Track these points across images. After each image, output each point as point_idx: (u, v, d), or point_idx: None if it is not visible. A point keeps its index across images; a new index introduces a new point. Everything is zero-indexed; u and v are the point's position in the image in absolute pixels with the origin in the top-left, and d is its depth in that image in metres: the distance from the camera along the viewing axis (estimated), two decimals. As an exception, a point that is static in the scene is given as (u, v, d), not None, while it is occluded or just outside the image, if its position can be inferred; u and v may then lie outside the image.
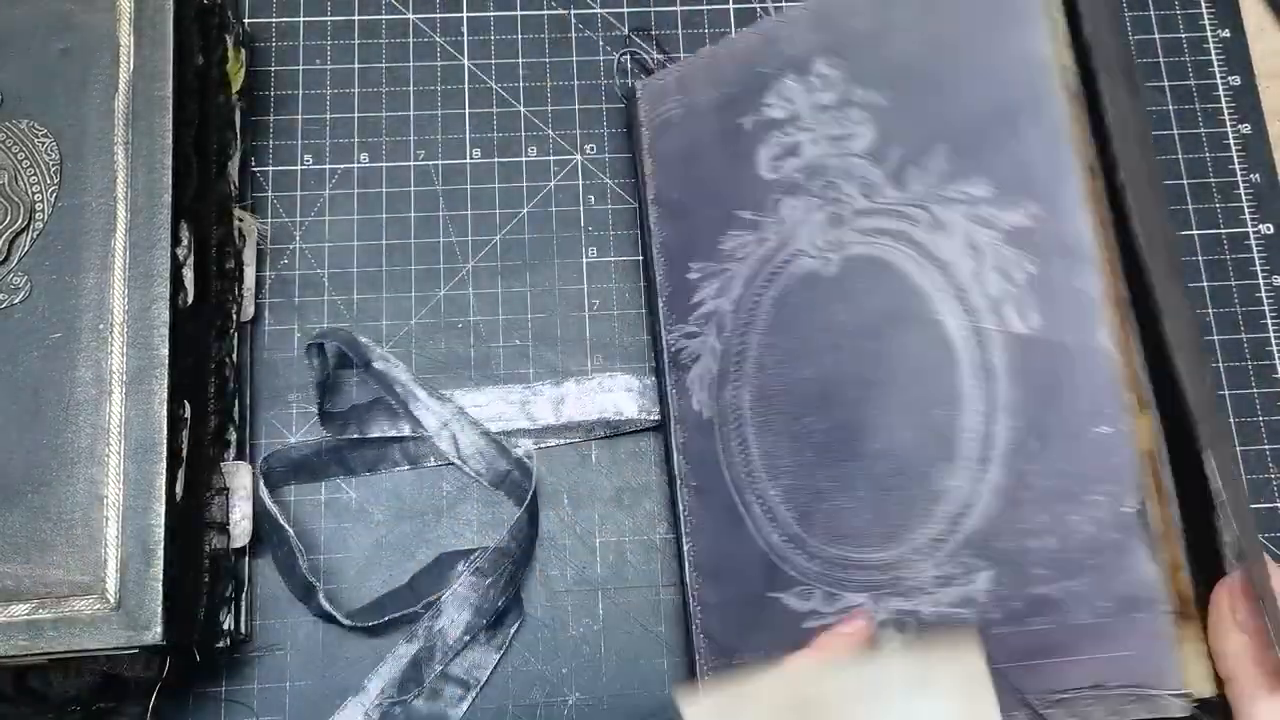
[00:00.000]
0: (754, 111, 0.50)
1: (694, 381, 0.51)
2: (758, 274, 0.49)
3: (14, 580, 0.44)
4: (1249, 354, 0.55)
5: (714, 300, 0.51)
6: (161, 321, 0.46)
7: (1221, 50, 0.60)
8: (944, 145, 0.45)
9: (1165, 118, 0.59)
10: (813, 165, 0.48)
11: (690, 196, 0.52)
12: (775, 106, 0.50)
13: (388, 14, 0.60)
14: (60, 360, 0.46)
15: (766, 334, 0.49)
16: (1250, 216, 0.57)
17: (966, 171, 0.44)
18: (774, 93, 0.50)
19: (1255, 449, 0.53)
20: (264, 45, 0.58)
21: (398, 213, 0.56)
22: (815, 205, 0.48)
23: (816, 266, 0.47)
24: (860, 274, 0.46)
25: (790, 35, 0.50)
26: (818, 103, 0.49)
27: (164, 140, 0.48)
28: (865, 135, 0.47)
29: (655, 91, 0.54)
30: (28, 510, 0.44)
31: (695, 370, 0.51)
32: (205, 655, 0.48)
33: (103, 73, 0.49)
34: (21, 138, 0.49)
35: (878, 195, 0.46)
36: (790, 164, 0.49)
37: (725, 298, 0.50)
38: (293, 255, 0.56)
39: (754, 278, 0.50)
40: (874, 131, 0.47)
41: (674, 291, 0.52)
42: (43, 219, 0.48)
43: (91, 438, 0.45)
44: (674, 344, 0.52)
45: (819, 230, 0.48)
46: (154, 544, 0.44)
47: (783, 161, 0.49)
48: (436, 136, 0.58)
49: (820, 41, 0.49)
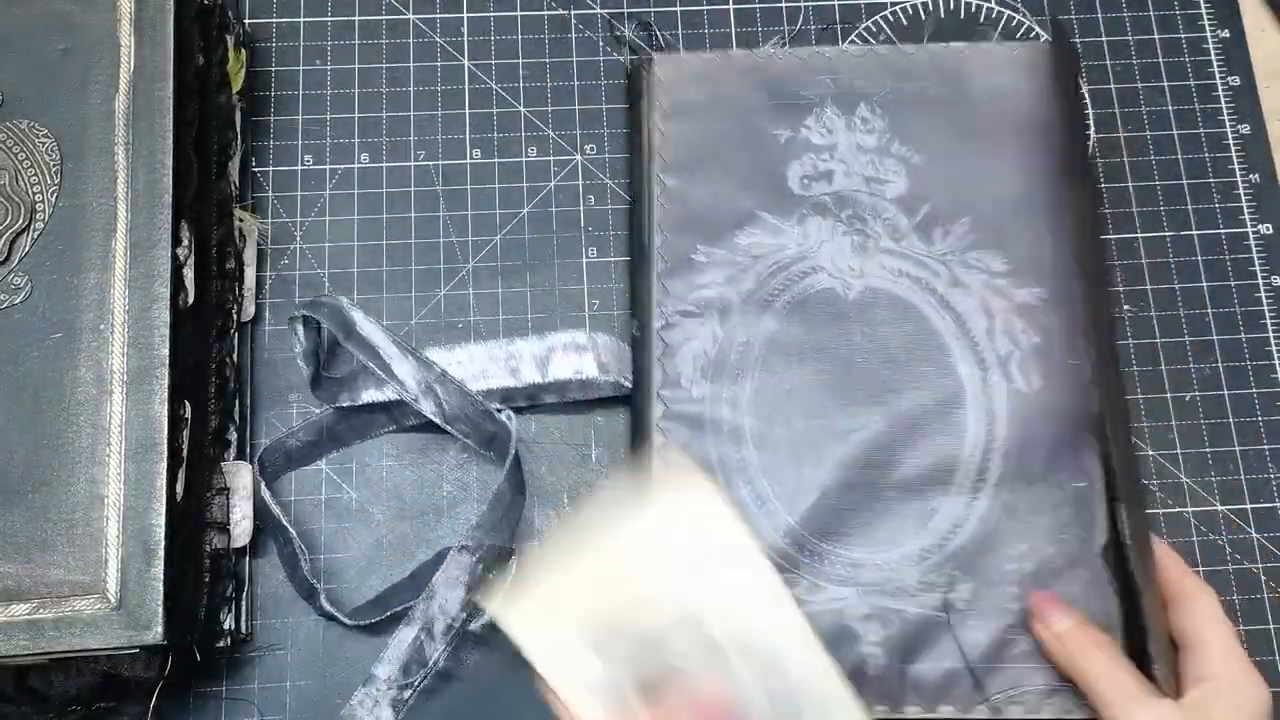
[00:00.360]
0: (791, 128, 0.54)
1: (685, 359, 0.51)
2: (774, 276, 0.52)
3: (15, 580, 0.44)
4: (1249, 354, 0.55)
5: (721, 288, 0.52)
6: (162, 321, 0.47)
7: (1221, 51, 0.60)
8: (969, 218, 0.52)
9: (1165, 118, 0.59)
10: (843, 196, 0.53)
11: (707, 183, 0.53)
12: (815, 131, 0.54)
13: (388, 14, 0.60)
14: (61, 360, 0.46)
15: (777, 335, 0.51)
16: (1250, 217, 0.57)
17: (986, 245, 0.51)
18: (815, 118, 0.54)
19: (1255, 449, 0.54)
20: (264, 45, 0.59)
21: (398, 213, 0.57)
22: (841, 231, 0.52)
23: (836, 287, 0.51)
24: (881, 305, 0.51)
25: (843, 72, 0.54)
26: (858, 143, 0.54)
27: (164, 140, 0.48)
28: (898, 185, 0.53)
29: (675, 70, 0.55)
30: (28, 510, 0.44)
31: (687, 349, 0.51)
32: (206, 655, 0.48)
33: (103, 73, 0.49)
34: (22, 138, 0.49)
35: (904, 241, 0.52)
36: (820, 187, 0.53)
37: (734, 289, 0.51)
38: (293, 255, 0.56)
39: (769, 278, 0.52)
40: (907, 184, 0.53)
41: (673, 268, 0.52)
42: (43, 219, 0.48)
43: (92, 438, 0.45)
44: (667, 318, 0.52)
45: (843, 255, 0.52)
46: (154, 544, 0.44)
47: (814, 183, 0.53)
48: (437, 137, 0.58)
49: (871, 88, 0.54)
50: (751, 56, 0.55)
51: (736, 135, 0.54)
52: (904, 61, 0.54)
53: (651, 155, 0.54)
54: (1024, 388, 0.49)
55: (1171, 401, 0.54)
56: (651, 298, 0.52)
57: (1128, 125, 0.59)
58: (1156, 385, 0.54)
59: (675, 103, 0.54)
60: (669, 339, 0.51)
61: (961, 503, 0.48)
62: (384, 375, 0.51)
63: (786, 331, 0.51)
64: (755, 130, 0.54)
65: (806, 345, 0.51)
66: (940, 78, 0.54)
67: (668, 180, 0.53)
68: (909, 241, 0.52)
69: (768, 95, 0.54)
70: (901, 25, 0.60)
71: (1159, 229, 0.57)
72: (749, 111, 0.54)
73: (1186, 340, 0.55)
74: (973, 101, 0.54)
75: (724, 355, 0.51)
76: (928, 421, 0.49)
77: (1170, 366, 0.55)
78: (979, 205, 0.52)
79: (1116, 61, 0.60)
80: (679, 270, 0.52)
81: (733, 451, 0.49)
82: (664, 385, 0.50)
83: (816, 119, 0.54)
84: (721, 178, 0.53)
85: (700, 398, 0.50)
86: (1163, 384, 0.54)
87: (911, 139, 0.53)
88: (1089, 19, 0.60)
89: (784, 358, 0.50)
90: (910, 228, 0.52)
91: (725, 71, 0.55)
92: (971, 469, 0.48)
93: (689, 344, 0.51)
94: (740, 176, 0.53)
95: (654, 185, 0.53)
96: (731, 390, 0.50)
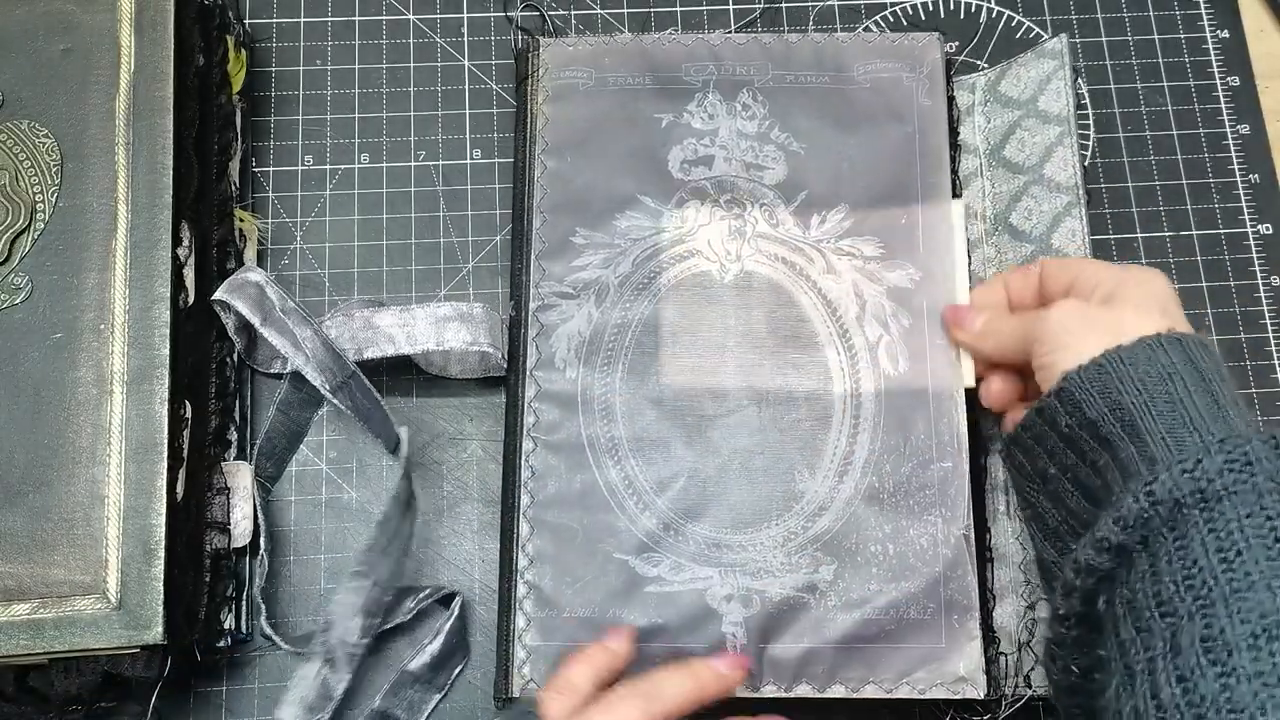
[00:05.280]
0: (673, 113, 0.55)
1: (559, 339, 0.51)
2: (651, 259, 0.52)
3: (15, 580, 0.44)
4: (1248, 354, 0.55)
5: (598, 270, 0.52)
6: (162, 322, 0.47)
7: (1220, 51, 0.60)
8: (845, 204, 0.53)
9: (1164, 118, 0.59)
10: (723, 181, 0.54)
11: (587, 165, 0.54)
12: (696, 116, 0.55)
13: (388, 14, 0.60)
14: (61, 360, 0.46)
15: (652, 317, 0.51)
16: (1249, 217, 0.57)
17: (860, 232, 0.53)
18: (697, 103, 0.55)
19: (1254, 449, 0.53)
20: (264, 46, 0.59)
21: (398, 213, 0.57)
22: (719, 215, 0.53)
23: (712, 270, 0.52)
24: (754, 289, 0.52)
25: (727, 58, 0.55)
26: (739, 129, 0.54)
27: (165, 140, 0.48)
28: (777, 172, 0.54)
29: (560, 54, 0.55)
30: (29, 510, 0.44)
31: (563, 329, 0.51)
32: (205, 655, 0.48)
33: (103, 73, 0.49)
34: (22, 138, 0.49)
35: (780, 226, 0.53)
36: (700, 172, 0.54)
37: (611, 271, 0.52)
38: (293, 255, 0.56)
39: (645, 261, 0.52)
40: (785, 171, 0.54)
41: (551, 249, 0.53)
42: (44, 219, 0.48)
43: (92, 438, 0.45)
44: (544, 299, 0.52)
45: (719, 238, 0.53)
46: (155, 544, 0.44)
47: (694, 167, 0.54)
48: (437, 137, 0.58)
49: (753, 75, 0.55)
50: (637, 41, 0.56)
51: (619, 118, 0.54)
52: (786, 50, 0.55)
53: (534, 137, 0.54)
54: (892, 371, 0.50)
55: (1171, 401, 0.54)
56: (529, 278, 0.52)
57: (1128, 125, 0.59)
58: (1156, 385, 0.54)
59: (559, 86, 0.55)
60: (544, 319, 0.52)
61: (827, 486, 0.49)
62: (299, 366, 0.50)
63: (661, 314, 0.51)
64: (637, 114, 0.54)
65: (680, 328, 0.51)
66: (821, 66, 0.55)
67: (549, 162, 0.54)
68: (785, 227, 0.52)
69: (651, 79, 0.55)
70: (902, 25, 0.60)
71: (1159, 229, 0.57)
72: (632, 95, 0.55)
73: (1186, 340, 0.55)
74: (851, 90, 0.54)
75: (599, 337, 0.51)
76: (795, 405, 0.50)
77: (1170, 366, 0.55)
78: (856, 190, 0.53)
79: (1116, 61, 0.60)
80: (557, 252, 0.52)
81: (603, 431, 0.50)
82: (538, 366, 0.51)
83: (699, 104, 0.55)
84: (603, 161, 0.54)
85: (573, 378, 0.51)
86: (1162, 384, 0.54)
87: (791, 126, 0.54)
88: (1088, 19, 0.60)
89: (655, 342, 0.51)
90: (787, 213, 0.53)
91: (610, 55, 0.55)
92: (836, 454, 0.49)
93: (564, 325, 0.51)
94: (621, 160, 0.54)
95: (535, 167, 0.54)
96: (605, 371, 0.51)
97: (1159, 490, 0.35)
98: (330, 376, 0.50)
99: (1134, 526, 0.35)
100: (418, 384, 0.54)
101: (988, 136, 0.55)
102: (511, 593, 0.49)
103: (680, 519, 0.49)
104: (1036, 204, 0.52)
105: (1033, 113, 0.54)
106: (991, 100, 0.55)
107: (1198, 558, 0.34)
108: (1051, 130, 0.53)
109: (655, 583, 0.48)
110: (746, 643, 0.47)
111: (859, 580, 0.48)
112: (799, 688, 0.47)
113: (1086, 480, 0.41)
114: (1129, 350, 0.40)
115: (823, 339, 0.51)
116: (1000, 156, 0.54)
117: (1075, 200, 0.52)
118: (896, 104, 0.54)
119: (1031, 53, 0.54)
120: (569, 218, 0.53)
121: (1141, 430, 0.38)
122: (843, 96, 0.54)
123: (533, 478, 0.50)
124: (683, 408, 0.50)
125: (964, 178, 0.55)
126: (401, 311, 0.52)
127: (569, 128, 0.54)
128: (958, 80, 0.56)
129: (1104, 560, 0.36)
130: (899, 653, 0.47)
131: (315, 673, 0.47)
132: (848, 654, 0.47)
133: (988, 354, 0.48)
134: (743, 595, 0.48)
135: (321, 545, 0.52)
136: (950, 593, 0.48)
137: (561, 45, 0.56)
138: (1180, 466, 0.35)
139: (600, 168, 0.54)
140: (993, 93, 0.55)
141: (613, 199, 0.53)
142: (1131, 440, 0.38)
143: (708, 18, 0.60)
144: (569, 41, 0.56)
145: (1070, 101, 0.53)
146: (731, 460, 0.49)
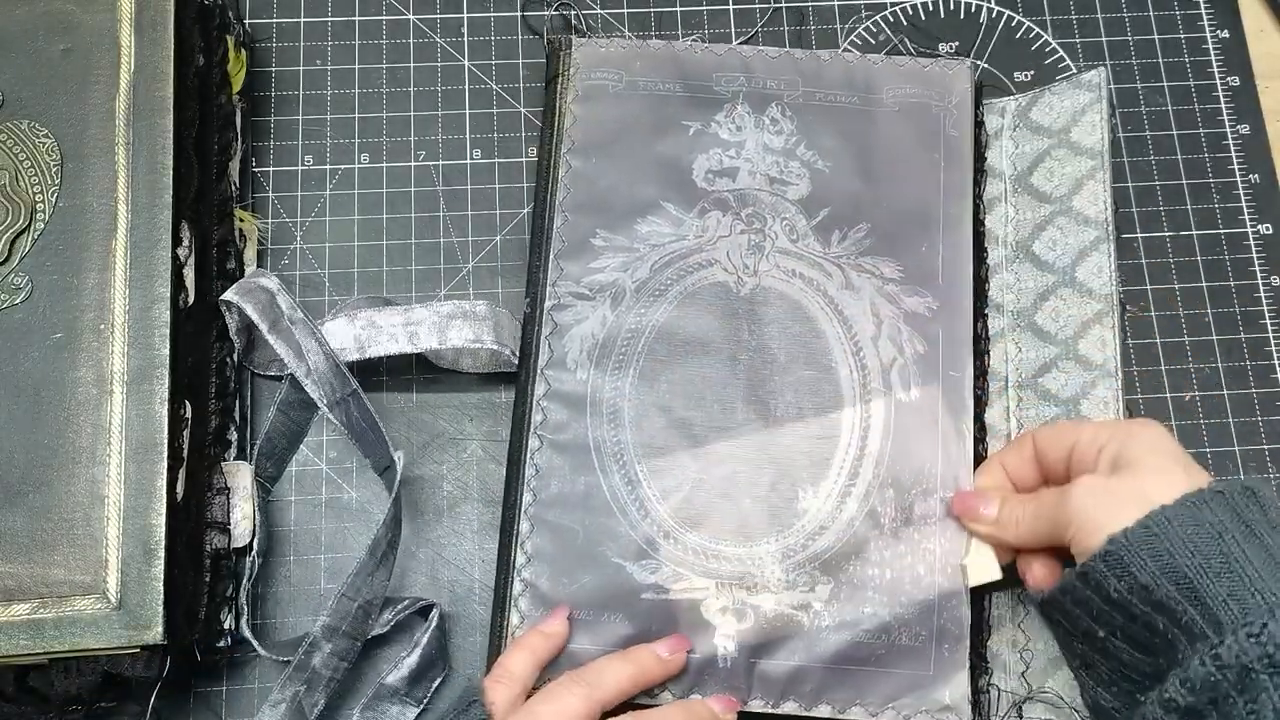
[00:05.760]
0: (701, 121, 0.55)
1: (572, 340, 0.51)
2: (669, 266, 0.52)
3: (15, 580, 0.44)
4: (1248, 354, 0.55)
5: (616, 273, 0.52)
6: (162, 322, 0.47)
7: (1220, 51, 0.60)
8: (866, 224, 0.53)
9: (1164, 118, 0.59)
10: (746, 194, 0.53)
11: (612, 167, 0.54)
12: (724, 127, 0.55)
13: (388, 14, 0.60)
14: (61, 360, 0.46)
15: (666, 324, 0.51)
16: (1249, 217, 0.57)
17: (881, 252, 0.52)
18: (725, 114, 0.55)
19: (1254, 449, 0.54)
20: (264, 46, 0.59)
21: (398, 213, 0.57)
22: (740, 228, 0.52)
23: (729, 281, 0.52)
24: (771, 304, 0.52)
25: (758, 71, 0.55)
26: (765, 143, 0.54)
27: (165, 140, 0.48)
28: (800, 188, 0.54)
29: (592, 54, 0.55)
30: (29, 510, 0.44)
31: (577, 330, 0.51)
32: (205, 655, 0.48)
33: (103, 73, 0.49)
34: (22, 138, 0.49)
35: (801, 242, 0.53)
36: (724, 183, 0.54)
37: (628, 275, 0.52)
38: (293, 255, 0.56)
39: (663, 268, 0.52)
40: (809, 188, 0.54)
41: (570, 248, 0.52)
42: (44, 219, 0.48)
43: (92, 438, 0.45)
44: (559, 298, 0.52)
45: (739, 251, 0.53)
46: (154, 544, 0.44)
47: (718, 178, 0.54)
48: (437, 137, 0.58)
49: (783, 90, 0.55)
50: (669, 47, 0.56)
51: (647, 123, 0.54)
52: (818, 67, 0.55)
53: (561, 136, 0.54)
54: (903, 396, 0.50)
55: (1171, 401, 0.54)
56: (546, 276, 0.52)
57: (1128, 125, 0.59)
58: (1156, 385, 0.54)
59: (589, 86, 0.55)
60: (559, 319, 0.52)
61: (830, 506, 0.49)
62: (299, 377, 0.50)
63: (675, 322, 0.51)
64: (666, 120, 0.54)
65: (693, 337, 0.51)
66: (851, 87, 0.55)
67: (574, 162, 0.54)
68: (805, 242, 0.52)
69: (681, 87, 0.55)
70: (902, 25, 0.60)
71: (1159, 229, 0.57)
72: (661, 101, 0.55)
73: (1186, 340, 0.55)
74: (879, 113, 0.54)
75: (612, 340, 0.51)
76: (804, 423, 0.50)
77: (1170, 366, 0.55)
78: (878, 213, 0.53)
79: (1116, 61, 0.60)
80: (576, 252, 0.52)
81: (610, 434, 0.50)
82: (549, 364, 0.51)
83: (727, 115, 0.55)
84: (628, 164, 0.54)
85: (584, 380, 0.51)
86: (1162, 384, 0.54)
87: (817, 144, 0.54)
88: (1088, 19, 0.60)
89: (670, 348, 0.51)
90: (808, 229, 0.53)
91: (642, 60, 0.55)
92: (842, 475, 0.49)
93: (579, 326, 0.51)
94: (646, 165, 0.54)
95: (560, 166, 0.54)
96: (616, 375, 0.51)
97: (1226, 655, 0.35)
98: (329, 391, 0.50)
99: (1201, 690, 0.36)
100: (418, 383, 0.54)
101: (1015, 162, 0.55)
102: (507, 589, 0.49)
103: (681, 527, 0.49)
104: (1062, 235, 0.52)
105: (1064, 143, 0.54)
106: (1021, 126, 0.55)
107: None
108: (1084, 163, 0.53)
109: (652, 590, 0.48)
110: (738, 656, 0.47)
111: (853, 602, 0.48)
112: (785, 705, 0.47)
113: (1140, 638, 0.40)
114: (1173, 510, 0.39)
115: (836, 357, 0.51)
116: (1027, 183, 0.54)
117: (1104, 236, 0.52)
118: (923, 131, 0.54)
119: (1067, 82, 0.55)
120: (590, 218, 0.53)
121: (1201, 593, 0.38)
122: (870, 119, 0.54)
123: (536, 476, 0.50)
124: (690, 417, 0.50)
125: (988, 201, 0.54)
126: (405, 309, 0.52)
127: (597, 129, 0.54)
128: (987, 104, 0.56)
129: (1173, 718, 0.37)
130: (887, 677, 0.47)
131: (292, 696, 0.46)
132: (837, 675, 0.47)
133: (1010, 544, 0.47)
134: (738, 609, 0.48)
135: (321, 545, 0.52)
136: (943, 621, 0.48)
137: (594, 46, 0.56)
138: (1246, 631, 0.35)
139: (625, 171, 0.53)
140: (1023, 118, 0.55)
141: (635, 203, 0.53)
142: (1191, 604, 0.38)
143: (708, 18, 0.60)
144: (601, 43, 0.56)
145: (1106, 136, 0.53)
146: (736, 473, 0.49)
